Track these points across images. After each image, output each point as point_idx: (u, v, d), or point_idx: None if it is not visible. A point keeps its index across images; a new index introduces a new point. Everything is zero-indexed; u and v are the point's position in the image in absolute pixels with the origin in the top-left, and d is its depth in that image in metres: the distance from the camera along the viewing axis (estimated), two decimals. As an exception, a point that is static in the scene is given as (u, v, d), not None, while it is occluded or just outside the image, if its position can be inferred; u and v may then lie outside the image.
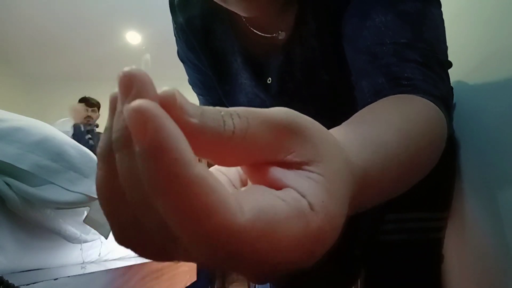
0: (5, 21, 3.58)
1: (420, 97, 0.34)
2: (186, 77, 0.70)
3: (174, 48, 0.66)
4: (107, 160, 0.14)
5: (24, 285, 0.37)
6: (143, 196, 0.13)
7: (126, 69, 0.12)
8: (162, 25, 3.71)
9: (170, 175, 0.11)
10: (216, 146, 0.14)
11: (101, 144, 0.14)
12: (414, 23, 0.39)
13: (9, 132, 0.55)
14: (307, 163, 0.16)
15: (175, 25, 0.61)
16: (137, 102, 0.11)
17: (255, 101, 0.60)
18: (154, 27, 3.74)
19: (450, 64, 0.43)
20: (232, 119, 0.14)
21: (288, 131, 0.16)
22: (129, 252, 1.01)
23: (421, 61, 0.37)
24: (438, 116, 0.34)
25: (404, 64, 0.37)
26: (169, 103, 0.12)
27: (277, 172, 0.16)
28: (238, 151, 0.15)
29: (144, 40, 4.03)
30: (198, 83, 0.68)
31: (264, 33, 0.53)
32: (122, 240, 0.15)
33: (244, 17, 0.52)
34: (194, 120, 0.13)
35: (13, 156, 0.53)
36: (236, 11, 0.45)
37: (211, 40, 0.57)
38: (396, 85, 0.36)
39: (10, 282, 0.35)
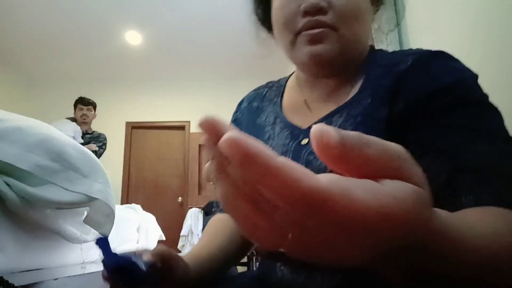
0: (5, 21, 3.58)
1: None
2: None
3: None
4: (221, 177, 0.20)
5: (24, 285, 0.37)
6: (255, 188, 0.19)
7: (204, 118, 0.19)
8: (162, 25, 3.71)
9: (263, 168, 0.17)
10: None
11: (213, 168, 0.20)
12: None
13: (9, 132, 0.56)
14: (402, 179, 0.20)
15: (236, 110, 0.72)
16: (226, 135, 0.17)
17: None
18: (154, 27, 3.74)
19: None
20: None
21: (399, 158, 0.20)
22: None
23: None
24: None
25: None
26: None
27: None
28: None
29: (144, 40, 4.03)
30: None
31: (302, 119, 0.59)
32: (248, 229, 0.20)
33: (288, 104, 0.62)
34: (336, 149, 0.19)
35: (13, 156, 0.54)
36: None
37: (260, 116, 0.66)
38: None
39: (10, 282, 0.35)
